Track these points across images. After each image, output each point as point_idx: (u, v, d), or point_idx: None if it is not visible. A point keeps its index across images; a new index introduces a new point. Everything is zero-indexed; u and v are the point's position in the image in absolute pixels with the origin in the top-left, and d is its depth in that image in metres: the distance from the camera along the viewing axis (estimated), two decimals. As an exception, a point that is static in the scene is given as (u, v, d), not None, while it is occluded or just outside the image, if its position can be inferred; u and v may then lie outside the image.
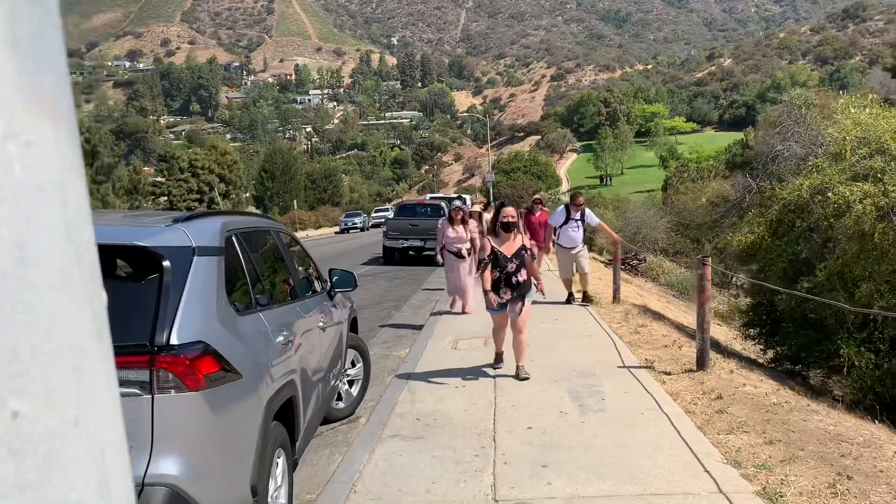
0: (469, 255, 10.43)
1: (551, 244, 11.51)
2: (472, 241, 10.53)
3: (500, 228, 6.47)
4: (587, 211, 11.17)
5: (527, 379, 6.51)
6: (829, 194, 8.24)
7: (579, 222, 10.96)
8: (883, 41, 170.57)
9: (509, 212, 6.46)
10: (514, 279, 6.44)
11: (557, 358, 7.39)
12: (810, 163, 9.33)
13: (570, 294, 11.27)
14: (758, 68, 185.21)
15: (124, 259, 3.00)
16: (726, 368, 7.03)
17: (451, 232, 10.44)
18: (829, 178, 8.49)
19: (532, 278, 6.60)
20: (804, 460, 4.35)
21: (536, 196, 19.17)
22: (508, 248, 6.44)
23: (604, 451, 4.65)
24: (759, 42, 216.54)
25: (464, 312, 10.46)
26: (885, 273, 7.75)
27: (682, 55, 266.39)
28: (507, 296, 6.47)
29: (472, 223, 10.72)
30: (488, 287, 6.45)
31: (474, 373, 6.96)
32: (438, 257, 10.87)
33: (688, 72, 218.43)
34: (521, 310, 6.53)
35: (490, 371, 6.99)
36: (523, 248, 6.50)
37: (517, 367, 6.69)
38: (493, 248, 6.41)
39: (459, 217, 10.57)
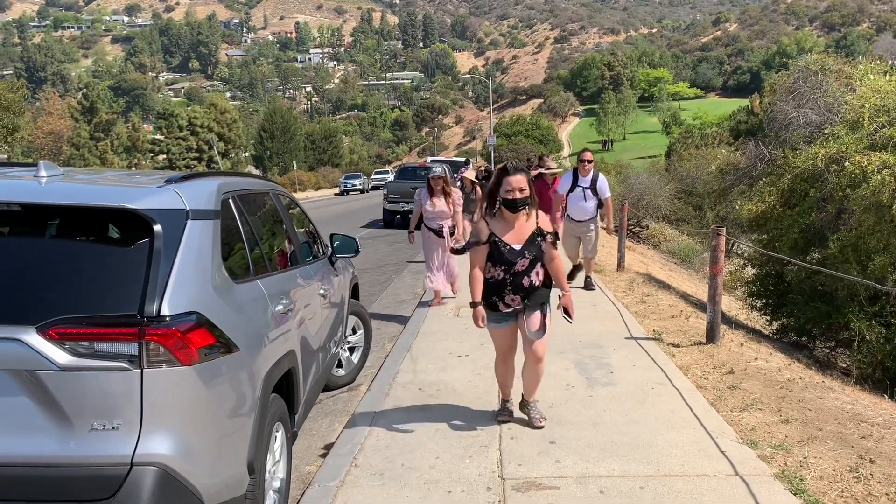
0: (452, 234, 8.54)
1: (559, 217, 9.37)
2: (455, 215, 8.58)
3: (502, 206, 4.30)
4: (601, 177, 9.04)
5: (541, 428, 4.53)
6: (846, 164, 7.99)
7: (589, 190, 8.89)
8: (892, 8, 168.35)
9: (517, 182, 4.19)
10: (525, 281, 4.31)
11: (562, 327, 7.20)
12: (826, 131, 9.05)
13: (575, 266, 9.54)
14: (764, 34, 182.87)
15: (112, 222, 2.79)
16: (735, 341, 6.87)
17: (429, 205, 8.40)
18: (846, 146, 8.22)
19: (555, 281, 4.46)
20: (823, 441, 4.19)
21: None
22: (517, 234, 4.28)
23: (613, 428, 4.49)
24: (766, 7, 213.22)
25: (444, 299, 8.72)
26: (901, 246, 7.53)
27: (688, 19, 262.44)
28: (516, 303, 4.38)
29: (456, 194, 8.58)
30: (479, 296, 4.33)
31: (478, 342, 6.78)
32: (410, 238, 9.03)
33: (693, 36, 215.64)
34: (541, 325, 4.37)
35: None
36: (539, 233, 4.31)
37: (527, 403, 4.69)
38: (491, 234, 4.29)
39: (439, 188, 8.41)
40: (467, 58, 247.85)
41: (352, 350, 6.09)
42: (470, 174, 13.15)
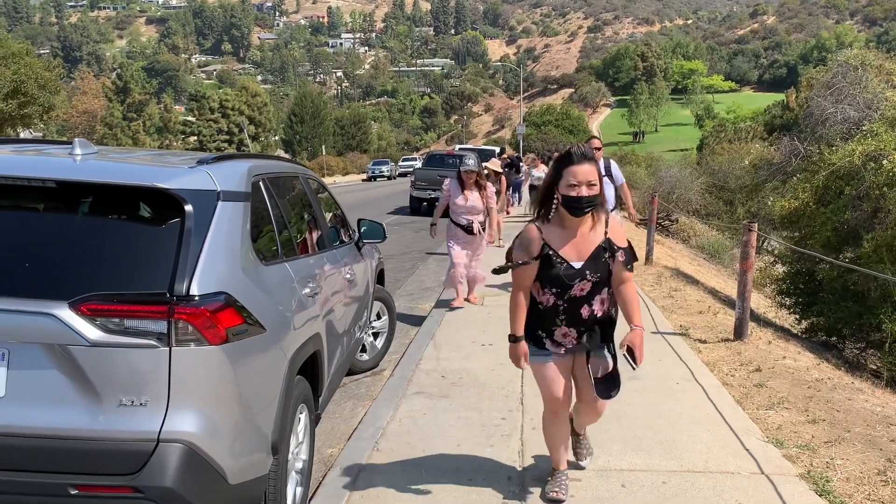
0: (483, 231, 7.84)
1: None
2: (489, 211, 7.90)
3: (561, 206, 3.14)
4: (612, 163, 8.66)
5: (584, 468, 3.81)
6: (884, 162, 7.83)
7: (606, 177, 8.26)
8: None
9: (585, 173, 3.05)
10: (584, 311, 3.24)
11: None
12: (864, 128, 8.87)
13: None
14: (802, 27, 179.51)
15: (144, 201, 2.81)
16: (763, 339, 6.78)
17: (460, 199, 7.64)
18: (885, 144, 8.05)
19: (624, 312, 3.30)
20: (850, 443, 4.12)
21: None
22: (578, 247, 3.17)
23: (637, 422, 4.46)
24: (806, 0, 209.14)
25: (466, 302, 7.98)
26: (937, 247, 7.37)
27: (725, 10, 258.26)
28: (569, 341, 3.30)
29: (490, 188, 7.90)
30: (521, 328, 3.27)
31: (501, 331, 6.76)
32: (432, 231, 8.19)
33: (729, 28, 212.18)
34: (602, 373, 3.32)
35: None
36: (608, 247, 3.20)
37: (576, 434, 3.80)
38: (544, 246, 3.17)
39: (472, 180, 7.65)
40: (499, 45, 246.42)
41: (376, 335, 6.12)
42: (495, 164, 12.68)
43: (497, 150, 27.19)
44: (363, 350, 5.92)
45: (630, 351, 3.20)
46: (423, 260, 12.20)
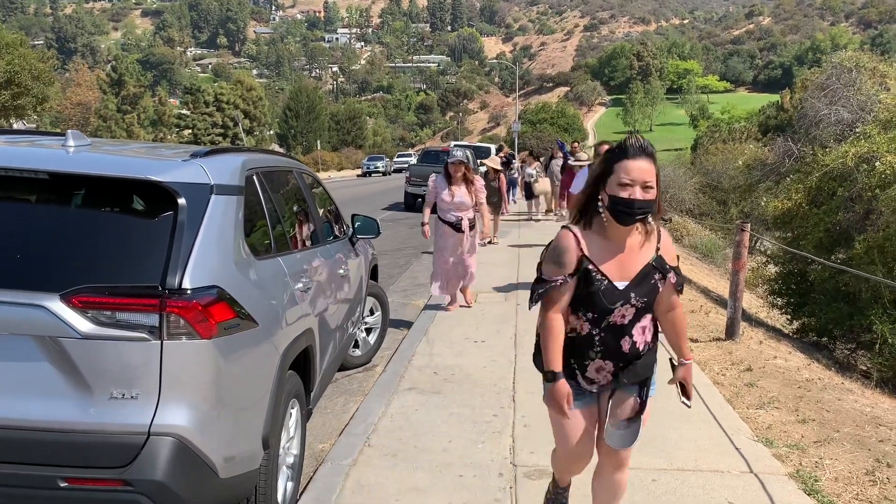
0: (472, 228, 7.37)
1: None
2: (478, 206, 7.37)
3: (606, 211, 2.55)
4: None
5: None
6: (877, 164, 7.87)
7: None
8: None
9: (641, 172, 2.50)
10: (624, 342, 2.67)
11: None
12: (858, 129, 8.90)
13: None
14: (797, 29, 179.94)
15: (137, 194, 2.80)
16: (755, 339, 6.81)
17: (446, 194, 7.21)
18: (878, 146, 8.09)
19: (671, 343, 2.82)
20: (840, 443, 4.15)
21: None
22: (622, 263, 2.61)
23: (628, 420, 4.46)
24: (801, 1, 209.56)
25: (450, 306, 7.57)
26: (928, 249, 7.41)
27: (720, 11, 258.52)
28: (604, 376, 2.71)
29: (479, 182, 7.41)
30: (559, 361, 2.65)
31: (494, 328, 6.78)
32: (425, 228, 7.52)
33: (725, 29, 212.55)
34: (632, 414, 2.74)
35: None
36: (660, 265, 2.64)
37: None
38: (582, 258, 2.59)
39: (460, 175, 7.21)
40: (495, 43, 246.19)
41: (369, 331, 6.12)
42: (494, 162, 12.57)
43: (493, 147, 27.09)
44: (356, 345, 5.92)
45: (682, 388, 2.80)
46: (417, 256, 12.20)
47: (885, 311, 7.85)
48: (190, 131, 67.78)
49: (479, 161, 14.91)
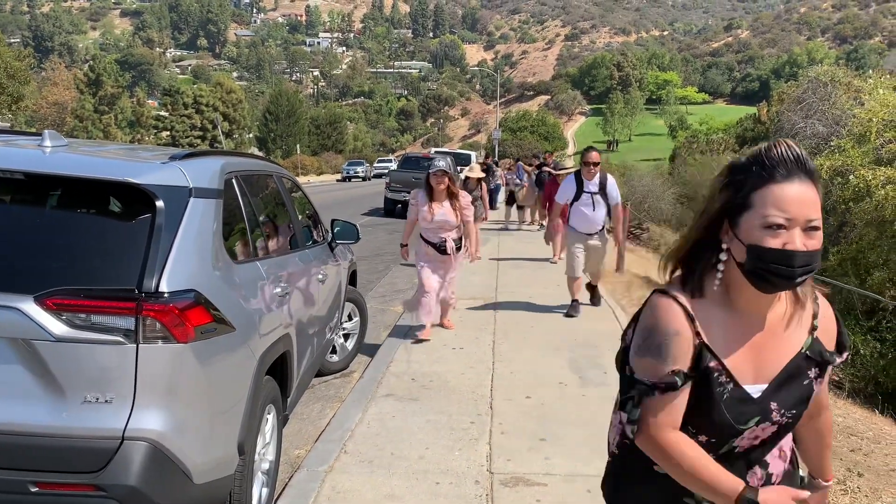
0: (459, 250, 6.55)
1: (559, 225, 8.61)
2: (465, 226, 6.51)
3: (745, 271, 1.48)
4: (609, 180, 7.49)
5: None
6: (850, 177, 8.00)
7: (597, 195, 7.36)
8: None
9: (804, 203, 1.43)
10: (757, 474, 1.63)
11: (558, 325, 7.22)
12: (833, 143, 9.06)
13: (576, 301, 7.69)
14: (775, 42, 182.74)
15: (115, 196, 2.78)
16: (730, 348, 6.87)
17: (426, 211, 6.29)
18: (852, 159, 8.23)
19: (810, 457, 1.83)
20: (812, 452, 4.19)
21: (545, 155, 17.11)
22: (760, 354, 1.56)
23: (605, 427, 4.44)
24: (779, 15, 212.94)
25: (422, 332, 6.52)
26: (900, 262, 7.55)
27: (700, 23, 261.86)
28: None
29: (465, 198, 6.41)
30: (728, 476, 1.51)
31: (472, 335, 6.79)
32: (403, 251, 6.85)
33: (704, 41, 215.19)
34: None
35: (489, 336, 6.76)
36: (818, 352, 1.58)
37: None
38: (701, 347, 1.54)
39: (443, 188, 6.24)
40: (476, 50, 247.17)
41: (347, 337, 6.09)
42: (476, 171, 11.73)
43: (474, 154, 27.11)
44: (333, 351, 5.89)
45: None
46: (397, 262, 12.18)
47: (858, 322, 7.97)
48: (168, 133, 67.27)
49: (458, 168, 14.51)
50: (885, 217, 7.38)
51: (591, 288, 8.15)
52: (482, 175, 12.17)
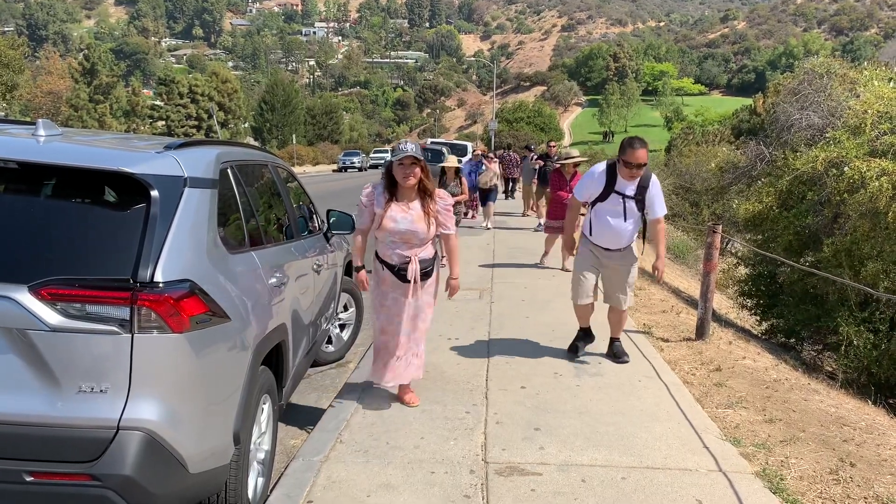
0: (428, 276, 4.48)
1: (575, 237, 5.96)
2: (444, 239, 4.63)
3: None
4: (654, 182, 5.32)
5: None
6: (845, 168, 8.00)
7: (631, 201, 5.28)
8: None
9: None
10: None
11: (553, 316, 7.24)
12: (828, 135, 9.05)
13: (586, 330, 5.90)
14: (771, 34, 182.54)
15: (109, 185, 2.77)
16: (724, 339, 6.90)
17: (389, 216, 4.36)
18: (847, 151, 8.23)
19: None
20: (805, 442, 4.22)
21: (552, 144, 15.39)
22: None
23: (599, 418, 4.51)
24: (776, 7, 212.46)
25: (398, 401, 4.71)
26: (894, 253, 7.56)
27: (696, 14, 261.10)
28: None
29: (444, 198, 4.48)
30: None
31: (468, 325, 6.80)
32: (360, 275, 4.61)
33: (700, 32, 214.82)
34: None
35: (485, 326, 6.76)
36: None
37: None
38: None
39: (412, 183, 4.32)
40: (473, 41, 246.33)
41: (342, 327, 6.10)
42: (452, 161, 10.26)
43: (470, 145, 26.93)
44: (329, 341, 5.91)
45: None
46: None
47: (851, 314, 7.99)
48: (163, 123, 66.98)
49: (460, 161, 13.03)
50: (878, 209, 7.38)
51: (611, 340, 5.85)
52: (458, 165, 10.55)
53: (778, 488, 3.59)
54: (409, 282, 4.37)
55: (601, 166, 5.43)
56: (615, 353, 5.77)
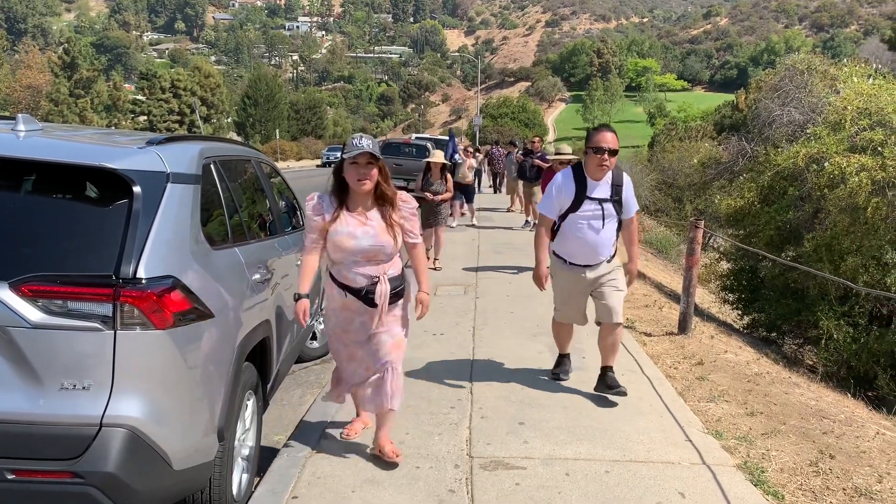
0: (398, 297, 3.66)
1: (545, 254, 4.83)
2: (410, 253, 3.81)
3: None
4: (626, 179, 4.74)
5: None
6: (826, 164, 8.09)
7: (608, 204, 4.62)
8: (881, 12, 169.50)
9: None
10: None
11: (537, 311, 7.26)
12: (808, 131, 9.14)
13: (565, 357, 5.26)
14: (753, 30, 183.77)
15: (91, 181, 2.75)
16: (707, 333, 6.96)
17: (343, 229, 3.52)
18: (827, 147, 8.31)
19: None
20: (786, 435, 4.27)
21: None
22: None
23: (583, 412, 4.54)
24: (757, 3, 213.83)
25: (349, 428, 4.09)
26: (873, 248, 7.66)
27: (679, 10, 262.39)
28: None
29: (407, 205, 3.70)
30: None
31: (453, 321, 6.81)
32: (301, 307, 3.56)
33: (683, 28, 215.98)
34: None
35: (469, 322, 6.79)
36: None
37: None
38: None
39: (368, 187, 3.52)
40: (457, 36, 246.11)
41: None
42: (438, 157, 9.40)
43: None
44: (313, 337, 5.89)
45: None
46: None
47: (831, 308, 8.09)
48: (145, 118, 66.31)
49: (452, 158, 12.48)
50: (858, 204, 7.47)
51: (603, 369, 4.86)
52: (446, 161, 9.76)
53: (759, 480, 3.63)
54: (374, 305, 3.56)
55: (565, 172, 4.73)
56: (608, 385, 4.74)
